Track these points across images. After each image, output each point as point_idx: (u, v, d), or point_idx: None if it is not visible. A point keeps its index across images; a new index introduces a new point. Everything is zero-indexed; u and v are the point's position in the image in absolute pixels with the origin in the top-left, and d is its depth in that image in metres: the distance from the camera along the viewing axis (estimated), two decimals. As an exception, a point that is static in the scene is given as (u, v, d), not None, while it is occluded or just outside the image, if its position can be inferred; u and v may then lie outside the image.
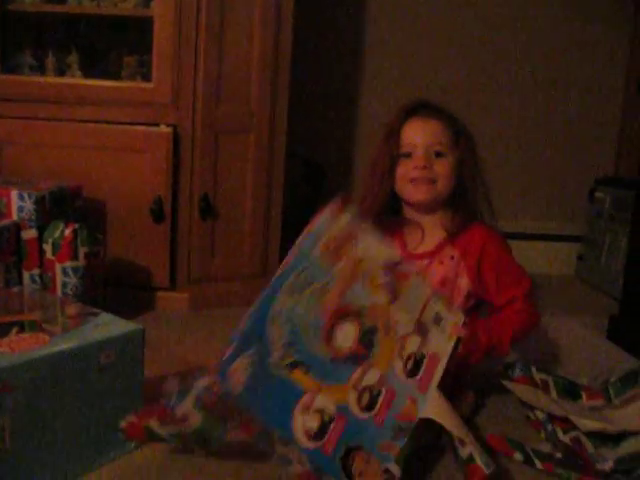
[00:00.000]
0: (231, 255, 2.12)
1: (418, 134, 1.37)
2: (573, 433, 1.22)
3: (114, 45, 2.18)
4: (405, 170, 1.38)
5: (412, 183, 1.38)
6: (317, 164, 2.46)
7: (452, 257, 1.39)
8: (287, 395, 1.04)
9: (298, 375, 1.05)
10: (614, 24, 2.73)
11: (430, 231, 1.43)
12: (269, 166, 2.13)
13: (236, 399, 1.03)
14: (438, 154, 1.37)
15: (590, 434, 1.19)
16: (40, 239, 1.76)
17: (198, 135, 2.00)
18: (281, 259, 1.25)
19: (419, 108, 1.41)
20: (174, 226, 2.03)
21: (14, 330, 1.12)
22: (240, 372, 1.02)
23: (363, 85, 2.69)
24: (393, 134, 1.39)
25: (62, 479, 1.08)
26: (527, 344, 1.66)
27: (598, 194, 2.69)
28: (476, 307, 1.42)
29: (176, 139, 1.99)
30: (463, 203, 1.40)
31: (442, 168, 1.37)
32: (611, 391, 1.31)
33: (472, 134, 1.43)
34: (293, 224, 2.40)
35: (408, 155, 1.38)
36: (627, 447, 1.18)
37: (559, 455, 1.23)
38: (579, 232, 2.79)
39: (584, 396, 1.34)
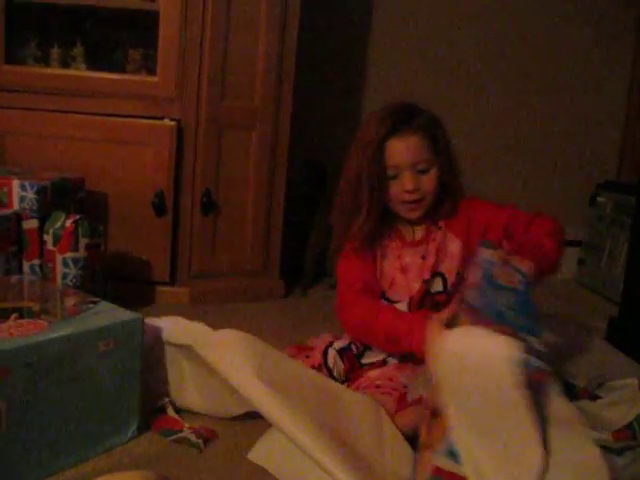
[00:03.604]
0: (232, 251, 2.12)
1: (402, 156, 1.37)
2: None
3: (120, 39, 2.18)
4: (395, 192, 1.40)
5: (403, 204, 1.41)
6: (319, 164, 2.46)
7: (439, 227, 1.46)
8: None
9: None
10: (618, 28, 2.74)
11: (420, 221, 1.48)
12: (271, 163, 2.13)
13: None
14: (423, 171, 1.39)
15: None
16: (41, 229, 1.76)
17: (201, 130, 2.01)
18: (282, 257, 1.25)
19: (398, 124, 1.37)
20: (176, 221, 2.04)
21: (13, 316, 1.12)
22: None
23: (366, 84, 2.69)
24: (375, 152, 1.36)
25: (57, 466, 1.08)
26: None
27: (600, 199, 2.70)
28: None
29: (179, 133, 1.99)
30: (444, 196, 1.44)
31: (429, 184, 1.40)
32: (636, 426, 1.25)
33: (439, 120, 1.43)
34: (294, 223, 2.41)
35: (394, 177, 1.39)
36: None
37: None
38: (579, 237, 2.79)
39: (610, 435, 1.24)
